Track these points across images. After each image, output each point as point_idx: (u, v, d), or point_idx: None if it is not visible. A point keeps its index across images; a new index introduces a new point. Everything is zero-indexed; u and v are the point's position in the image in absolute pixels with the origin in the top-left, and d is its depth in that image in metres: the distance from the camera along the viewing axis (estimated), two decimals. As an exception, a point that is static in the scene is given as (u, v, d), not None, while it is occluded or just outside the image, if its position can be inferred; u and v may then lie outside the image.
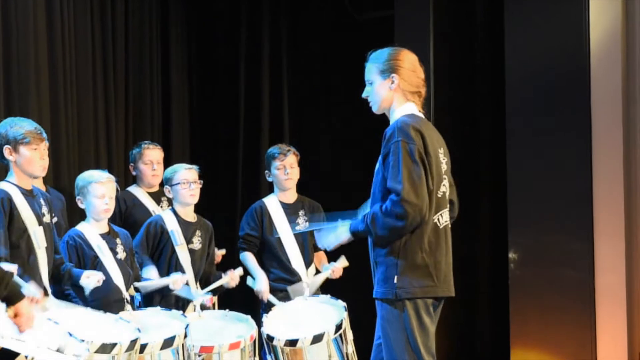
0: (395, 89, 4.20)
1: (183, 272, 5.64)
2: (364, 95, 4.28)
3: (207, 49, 7.89)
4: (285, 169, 6.08)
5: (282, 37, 7.84)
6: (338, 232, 4.29)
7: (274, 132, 7.68)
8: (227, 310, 5.50)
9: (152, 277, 5.56)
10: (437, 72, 6.76)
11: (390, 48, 4.28)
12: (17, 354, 3.18)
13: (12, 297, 2.99)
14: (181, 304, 5.62)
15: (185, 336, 4.89)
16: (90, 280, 4.99)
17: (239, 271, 5.78)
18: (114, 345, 4.42)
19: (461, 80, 7.15)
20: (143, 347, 4.69)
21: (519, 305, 6.38)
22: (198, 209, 5.94)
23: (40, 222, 4.89)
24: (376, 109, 4.28)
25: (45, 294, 4.87)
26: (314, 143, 7.67)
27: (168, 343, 4.79)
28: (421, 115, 4.23)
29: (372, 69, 4.25)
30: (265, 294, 5.92)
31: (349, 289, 5.92)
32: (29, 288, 4.45)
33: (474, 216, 7.03)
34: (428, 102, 4.39)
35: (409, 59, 4.24)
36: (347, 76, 7.16)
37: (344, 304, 5.47)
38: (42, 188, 5.46)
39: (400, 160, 4.02)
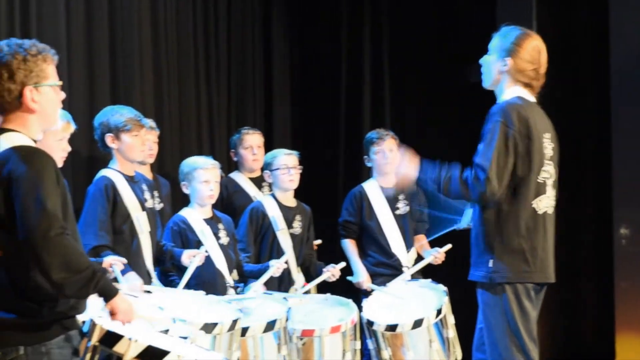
0: (506, 71, 4.15)
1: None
2: (481, 60, 4.24)
3: (309, 34, 7.93)
4: (384, 153, 6.07)
5: (382, 20, 7.83)
6: (407, 168, 4.22)
7: (375, 117, 7.67)
8: (328, 294, 5.53)
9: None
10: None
11: (520, 30, 4.19)
12: (121, 336, 3.25)
13: (105, 295, 3.05)
14: (283, 288, 5.67)
15: (287, 320, 4.92)
16: (193, 259, 5.05)
17: (340, 265, 5.74)
18: (215, 324, 4.47)
19: (565, 60, 7.03)
20: (245, 330, 4.74)
21: (625, 286, 6.26)
22: (299, 194, 5.98)
23: (143, 208, 5.00)
24: (486, 84, 4.24)
25: (149, 278, 4.99)
26: (416, 127, 7.64)
27: (270, 326, 4.83)
28: (530, 98, 4.19)
29: (495, 43, 4.19)
30: (365, 284, 5.90)
31: (450, 273, 5.89)
32: (127, 279, 4.56)
33: (577, 196, 6.93)
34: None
35: (531, 49, 4.15)
36: (447, 60, 7.13)
37: (445, 288, 5.45)
38: (149, 175, 5.58)
39: (495, 140, 4.00)
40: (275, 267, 5.41)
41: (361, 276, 5.98)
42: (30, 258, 2.88)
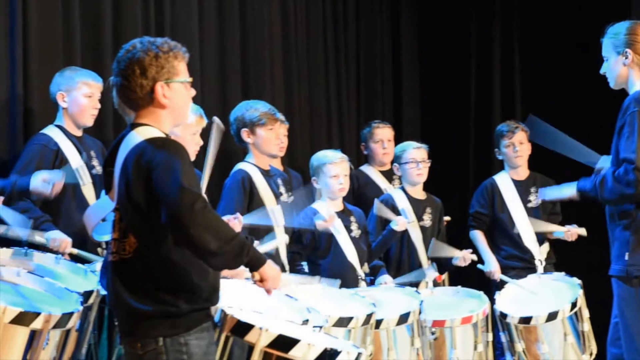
0: (629, 64, 4.12)
1: (414, 250, 5.69)
2: (601, 71, 4.22)
3: (437, 27, 7.91)
4: (514, 146, 6.00)
5: (512, 12, 7.74)
6: (564, 187, 4.32)
7: (505, 109, 7.58)
8: (459, 286, 5.51)
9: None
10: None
11: (626, 22, 4.18)
12: (252, 326, 3.29)
13: (255, 263, 3.07)
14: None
15: (420, 312, 4.92)
16: (326, 223, 5.14)
17: (472, 255, 5.71)
18: (351, 319, 4.48)
19: None
20: (378, 323, 4.75)
21: None
22: (429, 187, 5.96)
23: (278, 201, 5.08)
24: (613, 84, 4.22)
25: (284, 271, 5.05)
26: (548, 118, 7.50)
27: (403, 319, 4.83)
28: None
29: (607, 45, 4.18)
30: (497, 274, 5.85)
31: (585, 266, 5.78)
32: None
33: None
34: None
35: None
36: (582, 50, 6.96)
37: (579, 281, 5.37)
38: (281, 168, 5.66)
39: (635, 131, 3.97)
40: (397, 225, 5.47)
41: (492, 265, 5.92)
42: (180, 239, 2.91)
